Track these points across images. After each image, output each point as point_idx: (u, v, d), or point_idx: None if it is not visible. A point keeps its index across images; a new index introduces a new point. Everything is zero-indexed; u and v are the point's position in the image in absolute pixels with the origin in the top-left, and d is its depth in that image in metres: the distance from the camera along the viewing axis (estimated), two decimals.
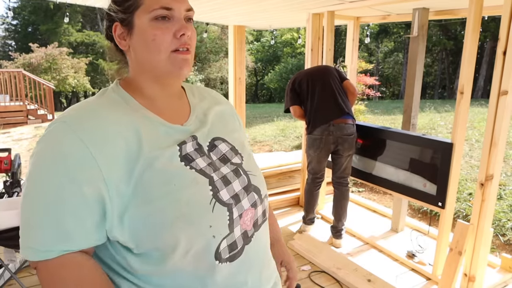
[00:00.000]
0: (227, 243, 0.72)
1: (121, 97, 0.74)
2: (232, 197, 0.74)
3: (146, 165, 0.66)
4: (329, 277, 2.50)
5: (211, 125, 0.82)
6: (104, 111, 0.69)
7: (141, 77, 0.76)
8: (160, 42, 0.70)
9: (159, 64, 0.72)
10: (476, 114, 7.26)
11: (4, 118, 8.68)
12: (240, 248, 0.75)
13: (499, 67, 1.96)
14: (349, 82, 2.96)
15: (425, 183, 2.50)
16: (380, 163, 2.84)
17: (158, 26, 0.70)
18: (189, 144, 0.74)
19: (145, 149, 0.68)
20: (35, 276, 2.42)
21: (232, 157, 0.80)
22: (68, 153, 0.62)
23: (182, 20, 0.72)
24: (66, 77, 14.37)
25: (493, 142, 2.02)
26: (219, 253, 0.70)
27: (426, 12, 2.72)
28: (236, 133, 0.88)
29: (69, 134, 0.63)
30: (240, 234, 0.74)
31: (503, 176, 3.93)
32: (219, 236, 0.70)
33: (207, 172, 0.73)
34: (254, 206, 0.79)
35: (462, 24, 16.18)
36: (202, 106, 0.85)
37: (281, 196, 3.74)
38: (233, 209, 0.73)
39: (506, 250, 2.99)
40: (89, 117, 0.67)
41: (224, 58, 16.94)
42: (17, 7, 20.83)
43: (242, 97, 4.42)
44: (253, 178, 0.81)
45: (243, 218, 0.75)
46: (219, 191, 0.72)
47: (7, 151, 2.64)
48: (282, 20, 4.09)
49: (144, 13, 0.70)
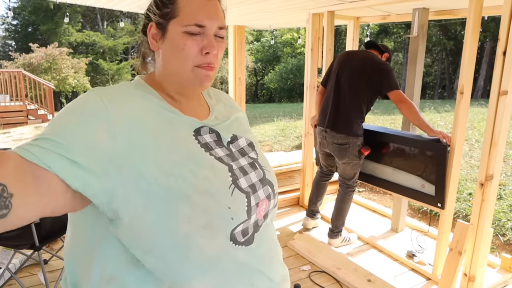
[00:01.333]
0: (241, 229, 0.73)
1: (141, 90, 0.76)
2: (249, 186, 0.76)
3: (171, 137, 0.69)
4: (329, 277, 2.50)
5: (230, 124, 0.87)
6: (132, 92, 0.73)
7: (165, 78, 0.79)
8: (188, 52, 0.73)
9: (183, 74, 0.75)
10: (476, 114, 7.26)
11: (4, 118, 8.68)
12: (251, 234, 0.76)
13: (499, 67, 1.96)
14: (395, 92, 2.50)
15: (424, 184, 2.49)
16: (379, 164, 2.83)
17: (189, 37, 0.73)
18: (208, 135, 0.77)
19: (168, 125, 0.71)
20: (35, 276, 2.42)
21: (249, 152, 0.84)
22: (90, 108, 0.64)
23: (212, 37, 0.75)
24: (66, 77, 14.38)
25: (493, 142, 2.02)
26: (233, 235, 0.72)
27: (426, 12, 2.72)
28: (250, 133, 0.92)
29: (95, 97, 0.66)
30: (253, 222, 0.76)
31: (503, 176, 3.93)
32: (237, 219, 0.72)
33: (226, 161, 0.76)
34: (269, 198, 0.81)
35: (462, 24, 16.18)
36: (220, 108, 0.89)
37: (281, 196, 3.74)
38: (251, 197, 0.76)
39: (506, 250, 2.99)
40: (119, 94, 0.70)
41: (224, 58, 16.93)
42: (17, 7, 20.83)
43: (242, 97, 4.42)
44: (267, 173, 0.84)
45: (259, 207, 0.78)
46: (238, 178, 0.75)
47: None
48: (282, 20, 4.09)
49: (179, 24, 0.73)
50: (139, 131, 0.66)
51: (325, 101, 2.80)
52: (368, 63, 2.63)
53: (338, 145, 2.68)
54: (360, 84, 2.61)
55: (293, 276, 2.51)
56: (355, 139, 2.65)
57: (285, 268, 0.89)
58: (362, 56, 2.72)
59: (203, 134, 0.77)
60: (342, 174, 2.82)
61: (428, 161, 2.45)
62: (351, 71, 2.65)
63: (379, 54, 2.78)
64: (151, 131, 0.68)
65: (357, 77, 2.62)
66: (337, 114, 2.69)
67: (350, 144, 2.66)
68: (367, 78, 2.59)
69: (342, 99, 2.67)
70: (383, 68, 2.58)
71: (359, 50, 2.85)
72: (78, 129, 0.61)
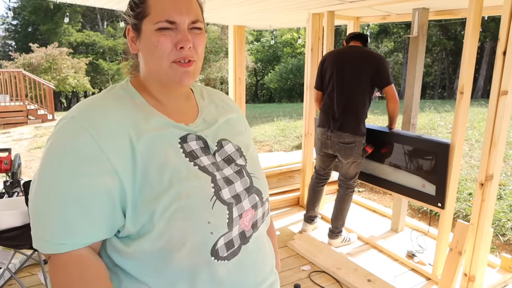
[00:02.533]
0: (224, 241, 0.73)
1: (128, 93, 0.77)
2: (233, 197, 0.75)
3: (149, 159, 0.69)
4: (329, 277, 2.50)
5: (218, 127, 0.84)
6: (110, 107, 0.72)
7: (149, 79, 0.78)
8: (162, 49, 0.72)
9: (161, 71, 0.74)
10: (476, 114, 7.26)
11: (4, 118, 8.68)
12: (237, 247, 0.76)
13: (499, 67, 1.96)
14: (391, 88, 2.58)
15: (424, 183, 2.49)
16: (379, 163, 2.83)
17: (161, 34, 0.72)
18: (194, 142, 0.76)
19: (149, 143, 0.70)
20: (35, 276, 2.42)
21: (237, 158, 0.82)
22: (78, 147, 0.65)
23: (185, 31, 0.73)
24: (66, 77, 14.38)
25: (493, 142, 2.02)
26: (215, 250, 0.72)
27: (426, 12, 2.71)
28: (242, 136, 0.89)
29: (79, 129, 0.66)
30: (237, 234, 0.75)
31: (503, 176, 3.93)
32: (217, 233, 0.71)
33: (210, 170, 0.75)
34: (255, 208, 0.80)
35: (462, 24, 16.18)
36: (211, 109, 0.87)
37: (281, 196, 3.74)
38: (233, 209, 0.74)
39: (506, 250, 2.99)
40: (96, 113, 0.70)
41: (224, 58, 16.94)
42: (17, 7, 20.84)
43: (242, 97, 4.42)
44: (255, 181, 0.82)
45: (242, 219, 0.76)
46: (220, 189, 0.74)
47: (7, 151, 2.64)
48: (282, 20, 4.09)
49: (150, 22, 0.73)
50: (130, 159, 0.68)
51: (328, 102, 2.76)
52: (367, 57, 2.62)
53: (344, 144, 2.68)
54: (363, 81, 2.60)
55: (293, 276, 2.51)
56: (361, 137, 2.65)
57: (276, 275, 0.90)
58: (357, 52, 2.69)
59: (189, 141, 0.76)
60: (344, 174, 2.81)
61: (429, 160, 2.45)
62: (352, 68, 2.62)
63: (364, 46, 2.76)
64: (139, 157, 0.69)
65: (361, 74, 2.59)
66: (344, 115, 2.66)
67: (356, 143, 2.65)
68: (368, 73, 2.58)
69: (347, 99, 2.65)
70: (382, 61, 2.61)
71: (348, 46, 2.78)
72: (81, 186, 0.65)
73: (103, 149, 0.65)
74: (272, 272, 0.88)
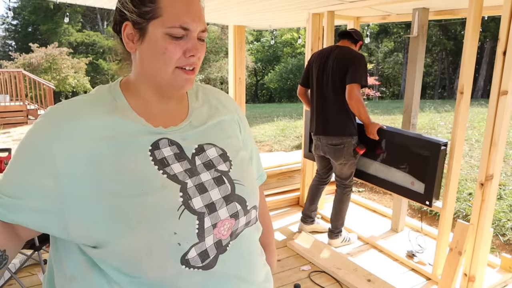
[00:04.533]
0: (197, 252, 0.69)
1: (113, 95, 0.74)
2: (206, 206, 0.71)
3: (115, 166, 0.67)
4: (329, 277, 2.50)
5: (204, 130, 0.80)
6: (85, 108, 0.70)
7: (142, 82, 0.75)
8: (169, 56, 0.70)
9: (163, 77, 0.72)
10: (476, 114, 7.26)
11: (4, 118, 8.68)
12: (213, 257, 0.72)
13: (499, 67, 1.96)
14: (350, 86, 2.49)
15: (413, 181, 2.50)
16: (371, 160, 2.80)
17: (171, 41, 0.70)
18: (168, 148, 0.73)
19: (116, 149, 0.68)
20: (35, 276, 2.42)
21: (218, 164, 0.77)
22: (33, 144, 0.67)
23: (195, 40, 0.72)
24: (66, 77, 14.38)
25: (493, 142, 2.02)
26: (186, 260, 0.68)
27: (426, 12, 2.72)
28: (232, 139, 0.85)
29: (44, 126, 0.67)
30: (212, 243, 0.71)
31: (503, 176, 3.93)
32: (185, 244, 0.68)
33: (181, 178, 0.71)
34: (235, 217, 0.75)
35: (462, 24, 16.18)
36: (202, 111, 0.83)
37: (281, 196, 3.74)
38: (205, 218, 0.70)
39: (506, 250, 2.99)
40: (66, 113, 0.69)
41: (224, 58, 16.95)
42: (17, 7, 20.84)
43: (242, 97, 4.42)
44: (239, 188, 0.77)
45: (218, 228, 0.72)
46: (191, 198, 0.70)
47: (7, 151, 2.64)
48: (282, 20, 4.09)
49: (161, 25, 0.69)
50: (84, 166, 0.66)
51: (313, 105, 2.76)
52: (343, 56, 2.57)
53: (333, 146, 2.66)
54: (340, 81, 2.55)
55: (293, 276, 2.51)
56: (350, 138, 2.62)
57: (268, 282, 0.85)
58: (336, 51, 2.64)
59: (161, 147, 0.72)
60: (339, 175, 2.81)
61: (420, 159, 2.45)
62: (333, 70, 2.59)
63: (353, 44, 2.71)
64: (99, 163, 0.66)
65: (341, 75, 2.54)
66: (326, 119, 2.65)
67: (345, 144, 2.63)
68: (344, 71, 2.53)
69: (328, 101, 2.63)
70: (358, 60, 2.54)
71: (332, 46, 2.75)
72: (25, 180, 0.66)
73: (52, 150, 0.65)
74: (261, 281, 0.83)
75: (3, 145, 6.30)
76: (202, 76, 16.36)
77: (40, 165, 0.65)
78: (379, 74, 19.30)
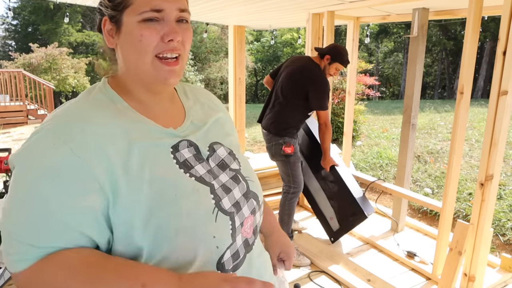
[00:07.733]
0: (231, 253, 0.69)
1: (109, 98, 0.69)
2: (233, 205, 0.71)
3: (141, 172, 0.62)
4: (329, 277, 2.50)
5: (207, 129, 0.78)
6: (92, 116, 0.64)
7: (129, 78, 0.71)
8: (146, 43, 0.65)
9: (144, 68, 0.67)
10: (476, 114, 7.26)
11: (4, 118, 8.68)
12: (242, 257, 0.72)
13: (499, 67, 1.96)
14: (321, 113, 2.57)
15: (333, 217, 2.81)
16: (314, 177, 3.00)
17: (146, 27, 0.65)
18: (186, 149, 0.70)
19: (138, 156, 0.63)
20: None
21: (230, 163, 0.77)
22: (59, 166, 0.58)
23: (173, 22, 0.66)
24: (66, 77, 14.36)
25: (493, 142, 2.02)
26: (221, 264, 0.68)
27: (426, 12, 2.71)
28: (231, 136, 0.84)
29: (58, 144, 0.58)
30: (242, 243, 0.72)
31: (503, 176, 3.93)
32: (222, 246, 0.67)
33: (207, 179, 0.69)
34: (253, 213, 0.76)
35: (462, 24, 16.18)
36: (197, 110, 0.81)
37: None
38: (235, 218, 0.70)
39: (506, 250, 2.99)
40: (76, 124, 0.61)
41: (224, 58, 16.93)
42: (17, 7, 20.83)
43: (242, 97, 4.42)
44: (251, 184, 0.78)
45: (244, 226, 0.73)
46: (221, 199, 0.69)
47: (7, 151, 2.64)
48: (282, 20, 4.09)
49: (133, 13, 0.65)
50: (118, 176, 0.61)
51: (268, 99, 2.81)
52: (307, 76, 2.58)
53: (266, 142, 2.74)
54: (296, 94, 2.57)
55: (293, 276, 2.51)
56: (277, 137, 2.63)
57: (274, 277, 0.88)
58: (300, 65, 2.67)
59: (181, 149, 0.69)
60: (281, 175, 2.80)
61: (348, 212, 2.76)
62: (287, 76, 2.63)
63: (320, 59, 2.66)
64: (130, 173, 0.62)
65: (291, 84, 2.59)
66: (273, 117, 2.68)
67: (273, 143, 2.66)
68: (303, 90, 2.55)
69: (281, 105, 2.64)
70: (319, 86, 2.54)
71: (303, 57, 2.78)
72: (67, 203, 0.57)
73: (88, 164, 0.58)
74: (272, 276, 0.86)
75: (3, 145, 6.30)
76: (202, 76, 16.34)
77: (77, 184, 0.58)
78: (379, 74, 19.30)
